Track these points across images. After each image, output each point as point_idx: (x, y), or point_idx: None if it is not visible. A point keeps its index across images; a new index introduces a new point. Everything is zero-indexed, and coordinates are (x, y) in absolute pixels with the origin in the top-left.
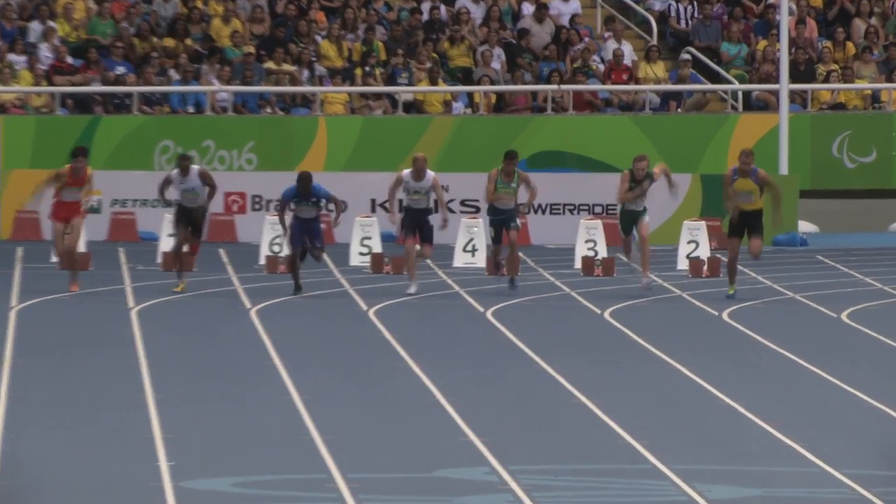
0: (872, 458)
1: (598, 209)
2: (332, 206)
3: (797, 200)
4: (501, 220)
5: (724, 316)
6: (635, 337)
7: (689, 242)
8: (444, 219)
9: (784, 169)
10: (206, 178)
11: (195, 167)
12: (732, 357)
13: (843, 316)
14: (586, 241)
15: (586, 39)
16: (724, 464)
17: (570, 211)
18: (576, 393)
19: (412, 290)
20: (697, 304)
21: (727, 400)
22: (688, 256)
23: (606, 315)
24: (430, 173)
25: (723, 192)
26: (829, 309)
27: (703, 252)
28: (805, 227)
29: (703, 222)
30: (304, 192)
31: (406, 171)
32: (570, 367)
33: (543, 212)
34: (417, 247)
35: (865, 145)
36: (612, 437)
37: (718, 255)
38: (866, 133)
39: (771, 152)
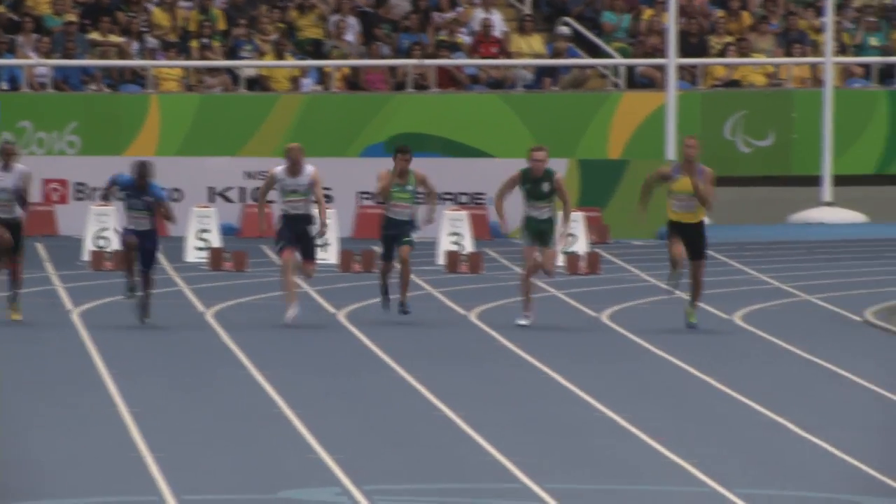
0: (768, 477)
1: (463, 199)
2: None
3: None
4: (393, 235)
5: (605, 318)
6: (505, 342)
7: (568, 236)
8: (323, 222)
9: (671, 153)
10: (26, 183)
11: (20, 167)
12: (614, 364)
13: (737, 318)
14: (450, 235)
15: (458, 10)
16: (602, 483)
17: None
18: (439, 405)
19: (290, 314)
20: (574, 304)
21: (607, 412)
22: (563, 252)
23: (473, 317)
24: (310, 168)
25: (643, 184)
26: (721, 310)
27: (581, 246)
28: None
29: (581, 213)
30: (141, 185)
31: (279, 168)
32: (433, 376)
33: None
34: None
35: (762, 127)
36: (479, 454)
37: (597, 250)
38: (763, 114)
39: (656, 134)
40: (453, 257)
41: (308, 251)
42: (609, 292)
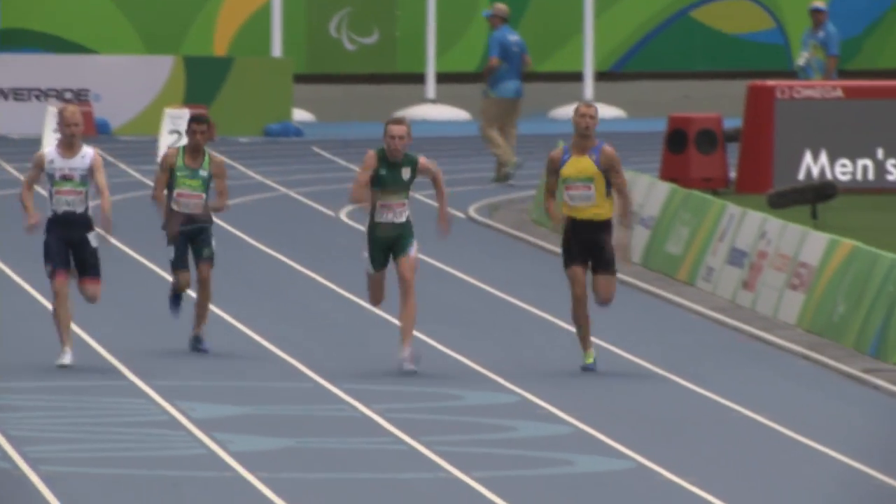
0: (371, 374)
1: (68, 95)
2: None
3: (291, 86)
4: (183, 239)
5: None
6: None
7: (171, 132)
8: (106, 221)
9: (277, 51)
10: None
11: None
12: (220, 264)
13: (342, 215)
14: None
15: None
16: (212, 380)
17: (37, 97)
18: (39, 298)
19: (65, 360)
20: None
21: (219, 312)
22: (169, 148)
23: None
24: (90, 149)
25: (542, 185)
26: (326, 206)
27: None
28: (300, 115)
29: (187, 110)
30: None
31: (49, 149)
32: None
33: (6, 97)
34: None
35: (366, 25)
36: (86, 352)
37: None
38: (367, 11)
39: (262, 31)
40: None
41: (88, 266)
42: None
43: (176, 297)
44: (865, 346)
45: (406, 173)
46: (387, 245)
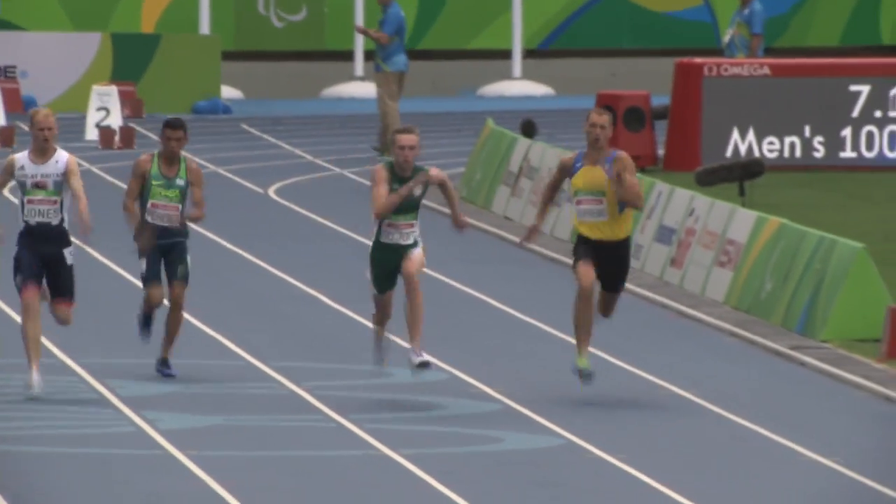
0: (303, 350)
1: None
2: None
3: (220, 63)
4: (157, 252)
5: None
6: None
7: (98, 110)
8: (84, 227)
9: (205, 28)
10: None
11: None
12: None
13: (271, 192)
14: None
15: None
16: (141, 358)
17: None
18: None
19: (34, 388)
20: (110, 179)
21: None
22: (97, 125)
23: None
24: (64, 153)
25: (545, 188)
26: (256, 184)
27: (115, 121)
28: (228, 92)
29: (115, 87)
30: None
31: (21, 154)
32: None
33: None
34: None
35: (294, 2)
36: (14, 330)
37: (132, 125)
38: None
39: (189, 9)
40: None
41: (63, 286)
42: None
43: (146, 318)
44: (793, 322)
45: (417, 189)
46: (391, 268)
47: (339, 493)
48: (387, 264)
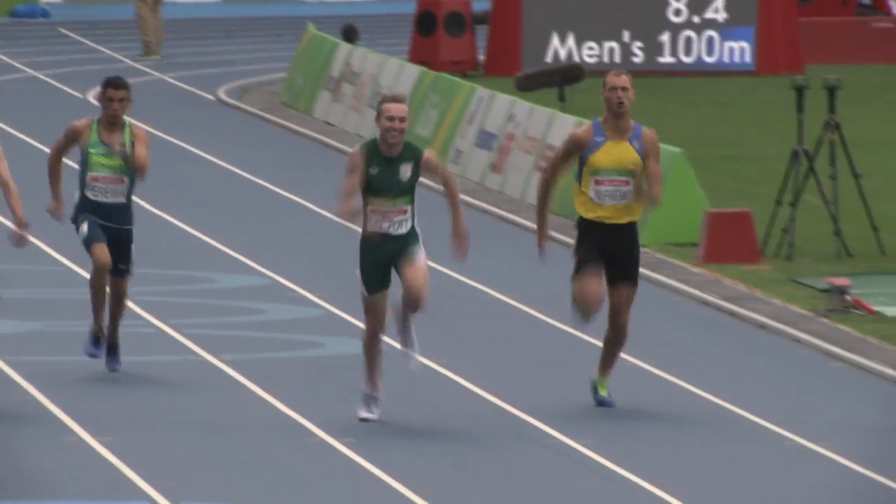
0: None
1: None
2: None
3: None
4: (104, 228)
5: None
6: None
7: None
8: (21, 221)
9: None
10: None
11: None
12: None
13: (90, 96)
14: None
15: None
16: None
17: None
18: None
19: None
20: None
21: None
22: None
23: None
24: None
25: (545, 170)
26: (74, 88)
27: None
28: None
29: None
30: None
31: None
32: None
33: None
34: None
35: None
36: None
37: None
38: None
39: None
40: None
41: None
42: None
43: (96, 338)
44: None
45: (406, 171)
46: (382, 262)
47: (158, 398)
48: (377, 257)
